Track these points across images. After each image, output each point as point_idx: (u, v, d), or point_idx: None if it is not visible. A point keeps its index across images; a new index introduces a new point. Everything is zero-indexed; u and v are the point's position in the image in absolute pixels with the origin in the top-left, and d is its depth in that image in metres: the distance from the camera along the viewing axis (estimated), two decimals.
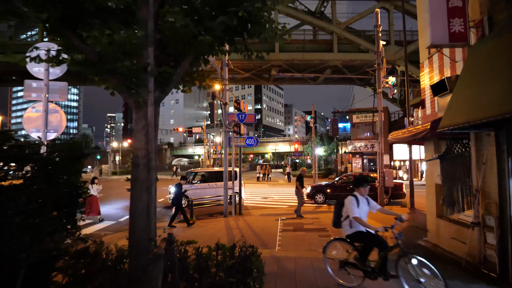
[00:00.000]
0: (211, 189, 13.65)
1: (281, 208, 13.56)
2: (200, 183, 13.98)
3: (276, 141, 69.55)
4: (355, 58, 27.95)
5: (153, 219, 2.89)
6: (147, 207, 2.82)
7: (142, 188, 2.81)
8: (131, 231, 2.87)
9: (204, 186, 13.77)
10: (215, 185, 13.66)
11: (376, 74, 13.01)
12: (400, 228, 8.78)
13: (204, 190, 13.60)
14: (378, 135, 12.69)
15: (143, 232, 2.81)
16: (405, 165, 32.43)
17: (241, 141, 11.69)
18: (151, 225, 2.87)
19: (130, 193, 2.92)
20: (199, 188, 13.48)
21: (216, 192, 12.76)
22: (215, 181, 13.86)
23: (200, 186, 13.61)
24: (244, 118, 11.64)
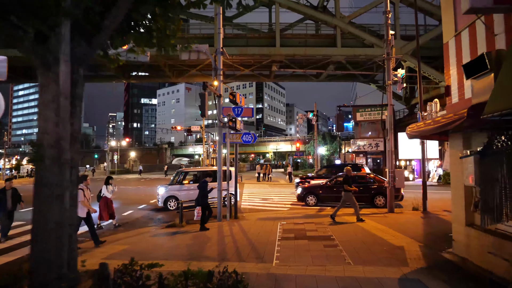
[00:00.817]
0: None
1: (281, 211, 12.46)
2: (192, 183, 12.88)
3: (277, 140, 68.45)
4: (359, 53, 26.80)
5: (67, 244, 1.79)
6: (58, 226, 1.74)
7: (49, 196, 1.73)
8: (31, 262, 1.79)
9: (196, 187, 12.60)
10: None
11: (385, 65, 11.89)
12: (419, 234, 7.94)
13: (196, 191, 12.46)
14: (388, 132, 11.56)
15: (50, 266, 1.72)
16: (410, 165, 31.24)
17: (237, 137, 10.60)
18: (63, 254, 1.76)
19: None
20: (190, 189, 12.36)
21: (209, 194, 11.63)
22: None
23: (192, 187, 12.46)
24: (240, 112, 10.54)
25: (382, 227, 8.57)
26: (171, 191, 12.40)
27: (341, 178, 13.88)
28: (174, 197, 12.24)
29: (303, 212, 11.80)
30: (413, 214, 10.82)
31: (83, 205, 7.09)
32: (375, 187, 12.96)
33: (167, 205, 12.19)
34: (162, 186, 12.45)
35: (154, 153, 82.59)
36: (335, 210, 9.73)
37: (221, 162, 10.17)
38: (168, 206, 12.21)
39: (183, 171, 13.32)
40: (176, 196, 12.16)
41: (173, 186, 12.52)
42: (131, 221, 10.82)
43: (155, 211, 12.54)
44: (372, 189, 12.94)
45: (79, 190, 6.88)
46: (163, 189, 12.28)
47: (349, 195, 9.66)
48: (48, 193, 1.73)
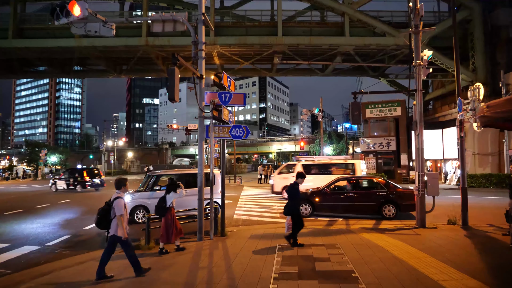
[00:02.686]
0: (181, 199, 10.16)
1: (283, 223, 10.07)
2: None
3: (280, 140, 66.02)
4: (370, 42, 24.31)
5: None
6: None
7: None
8: None
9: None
10: (184, 193, 10.16)
11: (412, 40, 9.46)
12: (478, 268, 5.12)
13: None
14: (417, 124, 9.14)
15: None
16: (426, 166, 28.67)
17: (224, 131, 8.25)
18: None
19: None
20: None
21: (189, 203, 9.28)
22: (186, 187, 10.27)
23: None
24: (228, 99, 8.18)
25: (419, 253, 6.16)
26: (139, 199, 9.98)
27: (343, 183, 11.65)
28: (143, 207, 9.90)
29: (309, 226, 9.42)
30: (452, 230, 8.37)
31: (122, 223, 4.86)
32: (384, 193, 10.62)
33: (134, 216, 9.84)
34: (128, 194, 10.10)
35: (155, 153, 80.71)
36: None
37: (202, 163, 7.81)
38: (135, 218, 9.85)
39: (155, 174, 10.67)
40: (145, 205, 9.82)
41: (142, 193, 10.13)
42: (87, 238, 8.52)
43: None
44: (380, 196, 10.59)
45: (119, 200, 4.91)
46: (129, 197, 9.93)
47: None
48: None
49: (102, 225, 5.00)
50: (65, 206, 14.78)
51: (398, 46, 24.64)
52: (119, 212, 4.83)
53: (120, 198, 4.91)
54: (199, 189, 7.70)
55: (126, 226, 5.00)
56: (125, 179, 5.26)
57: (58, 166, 55.02)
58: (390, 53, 26.63)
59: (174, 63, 6.53)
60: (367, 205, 10.62)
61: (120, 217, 4.82)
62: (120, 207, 4.83)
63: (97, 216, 5.01)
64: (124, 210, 4.90)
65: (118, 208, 4.84)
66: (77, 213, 12.55)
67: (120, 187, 5.07)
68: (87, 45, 23.69)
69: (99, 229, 5.19)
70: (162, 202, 6.64)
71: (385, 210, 10.45)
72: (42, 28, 24.35)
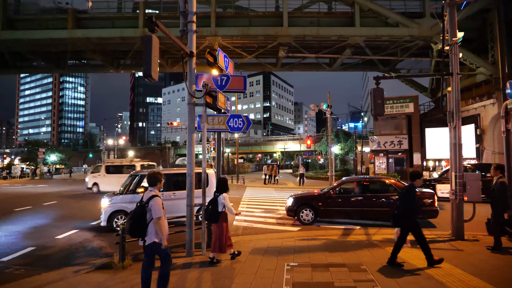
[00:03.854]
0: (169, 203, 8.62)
1: (290, 232, 8.58)
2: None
3: (285, 139, 64.47)
4: (382, 33, 22.69)
5: None
6: None
7: None
8: None
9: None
10: (173, 196, 8.68)
11: (447, 12, 7.88)
12: None
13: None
14: (453, 114, 7.58)
15: None
16: (440, 165, 26.97)
17: (220, 122, 6.78)
18: None
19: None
20: None
21: (178, 208, 7.80)
22: (175, 189, 8.86)
23: None
24: (225, 83, 6.70)
25: (479, 282, 4.61)
26: (119, 203, 8.46)
27: (351, 185, 9.97)
28: (123, 212, 8.42)
29: (321, 235, 7.91)
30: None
31: (161, 227, 3.98)
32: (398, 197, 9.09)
33: (113, 223, 8.37)
34: (106, 197, 8.64)
35: (157, 152, 79.78)
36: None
37: (192, 161, 6.33)
38: (113, 225, 8.37)
39: (139, 173, 9.03)
40: (126, 210, 8.34)
41: (123, 196, 8.61)
42: (54, 252, 7.06)
43: (97, 231, 8.66)
44: (395, 201, 9.04)
45: (156, 199, 4.03)
46: (107, 200, 8.49)
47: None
48: None
49: (137, 232, 4.01)
50: (47, 209, 13.39)
51: (412, 37, 23.02)
52: (157, 214, 3.94)
53: (157, 197, 4.05)
54: (189, 192, 6.21)
55: (166, 232, 4.14)
56: (161, 174, 4.39)
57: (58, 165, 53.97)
58: (403, 46, 25.00)
59: (151, 30, 5.07)
60: (379, 211, 9.10)
61: (159, 220, 3.94)
62: (158, 208, 3.96)
63: (129, 221, 4.03)
64: (163, 211, 4.05)
65: (155, 209, 3.94)
66: (55, 218, 11.13)
67: (156, 184, 4.23)
68: (80, 36, 22.34)
69: (132, 237, 4.26)
70: (214, 205, 5.69)
71: None
72: (33, 19, 23.06)
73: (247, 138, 76.61)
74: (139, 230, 3.98)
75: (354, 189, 9.84)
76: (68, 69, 29.67)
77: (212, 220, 5.71)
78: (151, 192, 4.10)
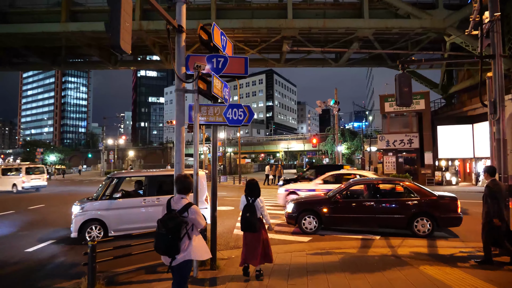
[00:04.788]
0: (150, 210, 7.43)
1: (298, 243, 7.37)
2: (130, 197, 7.78)
3: (288, 138, 63.16)
4: (392, 25, 21.41)
5: None
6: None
7: None
8: None
9: (135, 203, 7.50)
10: (157, 201, 7.46)
11: None
12: None
13: (136, 211, 7.41)
14: (497, 104, 6.35)
15: None
16: (453, 165, 25.66)
17: (216, 113, 5.60)
18: None
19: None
20: (130, 206, 7.41)
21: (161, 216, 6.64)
22: (159, 194, 7.61)
23: (128, 203, 7.46)
24: (222, 65, 5.50)
25: None
26: (94, 211, 7.18)
27: (359, 187, 8.67)
28: (98, 222, 7.19)
29: (336, 248, 6.70)
30: None
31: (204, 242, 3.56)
32: (415, 202, 7.87)
33: (85, 235, 7.11)
34: (78, 203, 7.41)
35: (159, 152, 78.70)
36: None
37: (181, 160, 5.14)
38: (86, 236, 7.11)
39: (116, 176, 7.71)
40: (101, 219, 7.15)
41: (98, 203, 7.35)
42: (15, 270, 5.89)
43: (75, 243, 7.22)
44: (410, 206, 7.86)
45: (195, 206, 3.43)
46: (78, 208, 7.20)
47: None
48: None
49: (173, 249, 3.20)
50: (30, 214, 12.26)
51: (424, 29, 21.74)
52: (202, 224, 3.39)
53: (195, 205, 3.47)
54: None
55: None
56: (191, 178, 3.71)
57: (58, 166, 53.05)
58: (413, 39, 23.72)
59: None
60: (392, 218, 7.89)
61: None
62: (202, 217, 3.41)
63: (165, 236, 3.17)
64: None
65: (200, 219, 3.37)
66: (35, 225, 9.98)
67: (189, 190, 3.58)
68: (74, 30, 21.25)
69: (162, 254, 3.30)
70: (252, 212, 4.81)
71: (418, 225, 7.75)
72: (27, 12, 21.99)
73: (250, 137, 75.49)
74: (175, 247, 3.20)
75: (364, 192, 8.61)
76: (64, 65, 28.61)
77: (252, 229, 4.79)
78: (183, 200, 3.42)
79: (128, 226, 7.17)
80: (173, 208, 3.35)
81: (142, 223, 7.15)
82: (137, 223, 7.21)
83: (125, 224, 7.17)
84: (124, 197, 7.41)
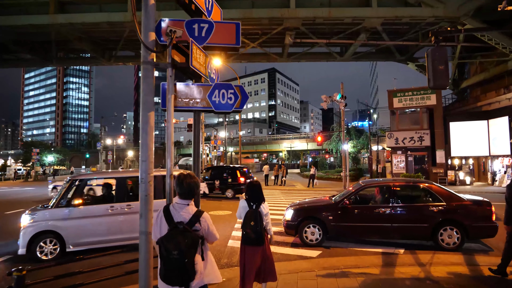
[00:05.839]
0: (119, 219, 6.12)
1: (308, 258, 6.01)
2: (96, 203, 6.47)
3: (291, 138, 61.83)
4: (402, 14, 19.99)
5: None
6: None
7: None
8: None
9: (100, 211, 6.12)
10: (127, 209, 6.09)
11: None
12: None
13: (101, 221, 6.04)
14: None
15: None
16: (467, 164, 24.19)
17: (198, 95, 4.26)
18: None
19: None
20: (88, 216, 6.00)
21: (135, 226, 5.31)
22: (130, 200, 6.29)
23: (91, 211, 6.09)
24: (206, 33, 4.20)
25: None
26: (47, 221, 5.84)
27: (371, 191, 7.27)
28: (53, 234, 5.82)
29: (353, 266, 5.37)
30: None
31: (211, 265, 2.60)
32: (440, 208, 6.54)
33: (36, 251, 5.75)
34: (28, 212, 6.05)
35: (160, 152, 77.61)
36: None
37: (149, 158, 3.79)
38: (37, 253, 5.76)
39: (77, 178, 6.32)
40: (57, 231, 5.79)
41: (52, 211, 5.97)
42: None
43: (14, 263, 5.81)
44: (434, 213, 6.53)
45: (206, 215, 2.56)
46: (28, 217, 5.85)
47: None
48: None
49: (190, 277, 2.32)
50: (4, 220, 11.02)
51: (437, 18, 20.30)
52: (215, 236, 2.58)
53: (206, 212, 2.55)
54: (143, 209, 3.66)
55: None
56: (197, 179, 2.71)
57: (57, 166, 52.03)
58: (424, 29, 22.25)
59: None
60: (413, 227, 6.58)
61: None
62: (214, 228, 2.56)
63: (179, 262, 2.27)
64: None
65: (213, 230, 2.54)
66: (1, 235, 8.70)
67: (194, 193, 2.61)
68: (64, 22, 19.99)
69: (177, 286, 2.33)
70: (258, 221, 3.80)
71: (444, 235, 6.42)
72: (13, 4, 20.73)
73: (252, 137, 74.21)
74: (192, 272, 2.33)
75: (376, 196, 7.22)
76: (56, 62, 27.39)
77: (259, 242, 3.80)
78: (189, 207, 2.54)
79: (92, 239, 5.86)
80: (178, 220, 2.42)
81: (109, 235, 5.86)
82: (103, 236, 5.90)
83: (88, 237, 5.85)
84: (87, 204, 6.09)
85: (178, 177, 2.64)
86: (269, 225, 4.00)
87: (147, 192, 3.72)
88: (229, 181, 16.30)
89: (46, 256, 5.76)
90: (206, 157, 32.91)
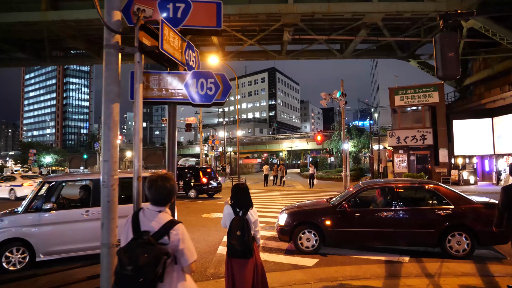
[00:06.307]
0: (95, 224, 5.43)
1: (303, 268, 5.44)
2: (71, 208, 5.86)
3: (291, 137, 61.24)
4: (404, 8, 19.40)
5: None
6: None
7: None
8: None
9: (74, 217, 5.53)
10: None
11: None
12: None
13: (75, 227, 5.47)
14: None
15: None
16: (471, 163, 23.58)
17: (175, 86, 3.68)
18: None
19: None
20: (60, 221, 5.42)
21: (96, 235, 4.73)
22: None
23: (65, 216, 5.51)
24: (183, 14, 3.66)
25: None
26: (15, 227, 5.28)
27: (372, 192, 6.64)
28: (21, 242, 5.24)
29: (353, 277, 4.80)
30: None
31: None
32: (448, 211, 5.94)
33: (1, 261, 5.17)
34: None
35: (160, 153, 77.40)
36: None
37: (112, 159, 3.23)
38: (3, 264, 5.20)
39: (49, 180, 5.72)
40: (26, 239, 5.23)
41: (21, 217, 5.41)
42: None
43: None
44: (441, 217, 5.93)
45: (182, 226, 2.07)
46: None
47: None
48: None
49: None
50: None
51: (439, 13, 19.66)
52: (193, 255, 2.04)
53: (181, 223, 2.06)
54: (105, 217, 3.09)
55: None
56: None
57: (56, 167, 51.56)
58: (426, 25, 21.69)
59: None
60: (417, 233, 5.98)
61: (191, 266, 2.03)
62: (191, 245, 2.06)
63: (132, 280, 1.77)
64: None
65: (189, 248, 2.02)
66: None
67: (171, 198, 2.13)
68: (55, 19, 19.45)
69: None
70: (245, 230, 3.25)
71: (453, 241, 5.83)
72: (2, 1, 20.19)
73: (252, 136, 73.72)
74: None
75: (377, 199, 6.62)
76: (50, 60, 26.86)
77: (247, 254, 3.26)
78: (161, 215, 2.05)
79: (65, 247, 5.30)
80: (144, 230, 1.99)
81: (85, 243, 5.29)
82: (78, 243, 5.33)
83: (60, 245, 5.29)
84: (60, 209, 5.52)
85: (148, 179, 2.12)
86: (258, 234, 3.47)
87: (109, 197, 3.18)
88: (192, 181, 16.41)
89: (14, 266, 5.22)
90: (205, 157, 32.40)
